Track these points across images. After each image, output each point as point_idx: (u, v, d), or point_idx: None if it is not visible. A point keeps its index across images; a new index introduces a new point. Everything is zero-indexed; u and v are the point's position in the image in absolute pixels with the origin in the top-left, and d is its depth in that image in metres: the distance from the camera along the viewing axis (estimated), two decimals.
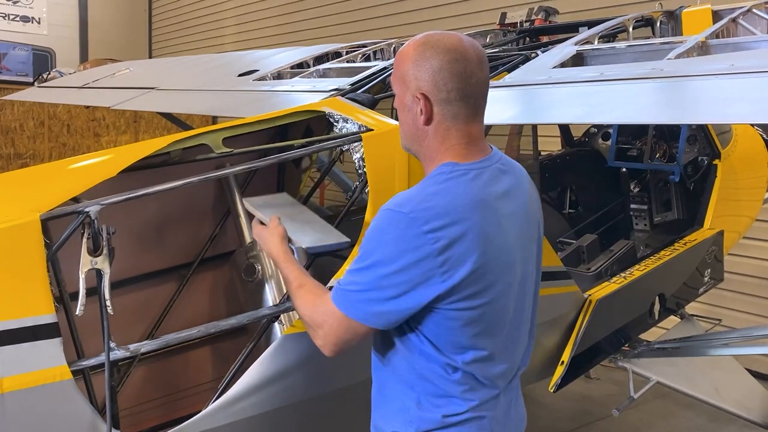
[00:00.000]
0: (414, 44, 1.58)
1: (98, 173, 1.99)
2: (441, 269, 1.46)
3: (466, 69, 1.53)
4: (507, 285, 1.57)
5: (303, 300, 1.69)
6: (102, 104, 4.84)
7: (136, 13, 14.42)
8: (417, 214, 1.47)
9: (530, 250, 1.68)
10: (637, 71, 2.11)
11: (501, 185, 1.58)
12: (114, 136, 11.07)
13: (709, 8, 3.13)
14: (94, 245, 1.86)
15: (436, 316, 1.51)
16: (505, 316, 1.59)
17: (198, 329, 2.05)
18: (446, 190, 1.52)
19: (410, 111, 1.60)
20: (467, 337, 1.53)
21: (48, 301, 1.79)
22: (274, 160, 2.14)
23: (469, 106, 1.56)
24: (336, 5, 9.39)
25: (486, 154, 1.61)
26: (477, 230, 1.48)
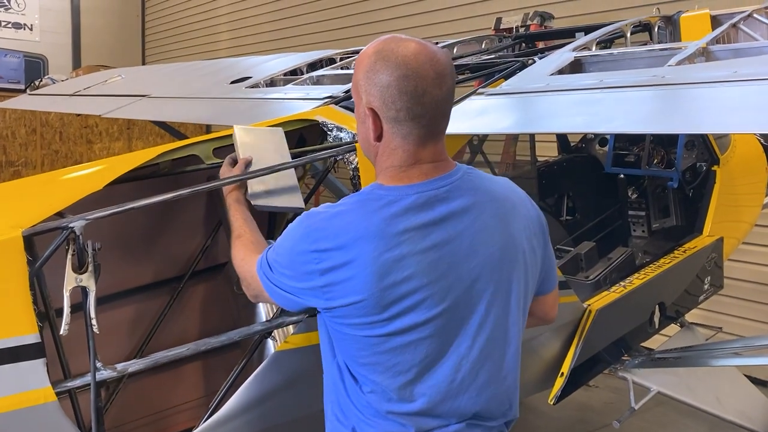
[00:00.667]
0: (369, 51, 1.47)
1: (84, 186, 1.93)
2: (323, 289, 1.44)
3: (417, 87, 1.40)
4: (426, 329, 1.43)
5: (236, 251, 1.78)
6: (93, 112, 4.78)
7: (129, 19, 14.34)
8: (311, 230, 1.45)
9: (470, 288, 1.46)
10: (637, 78, 2.06)
11: (432, 213, 1.43)
12: (107, 143, 11.00)
13: (708, 13, 3.08)
14: (79, 262, 1.79)
15: (334, 329, 1.50)
16: (438, 358, 1.45)
17: (188, 347, 1.98)
18: (347, 213, 1.45)
19: (363, 124, 1.51)
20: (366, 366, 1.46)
21: (31, 321, 1.72)
22: (267, 172, 2.07)
23: (422, 127, 1.44)
24: (330, 11, 9.35)
25: (429, 177, 1.46)
26: (364, 264, 1.38)
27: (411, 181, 1.46)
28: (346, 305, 1.42)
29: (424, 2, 7.89)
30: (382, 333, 1.42)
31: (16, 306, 1.70)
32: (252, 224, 1.87)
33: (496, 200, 1.51)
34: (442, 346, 1.45)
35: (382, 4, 8.44)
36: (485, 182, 1.53)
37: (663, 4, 5.73)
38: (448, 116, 1.48)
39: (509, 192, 1.57)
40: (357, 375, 1.50)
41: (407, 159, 1.46)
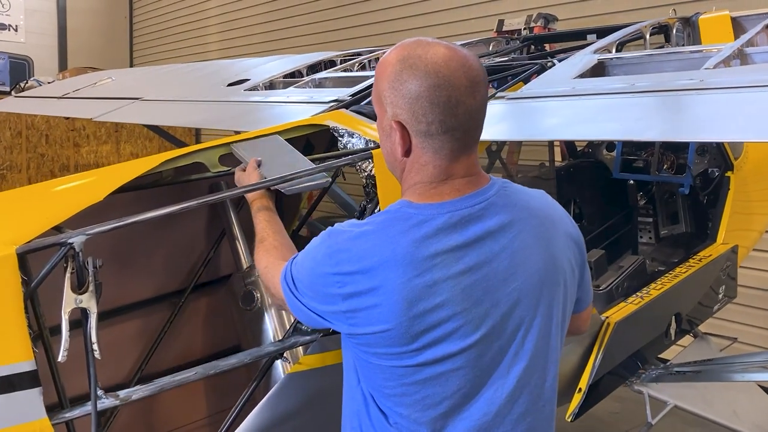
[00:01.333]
0: (393, 57, 1.32)
1: (83, 198, 1.78)
2: (346, 314, 1.32)
3: (451, 97, 1.26)
4: (459, 360, 1.31)
5: (259, 257, 1.70)
6: (83, 116, 4.60)
7: (117, 21, 14.12)
8: (333, 252, 1.33)
9: (509, 314, 1.33)
10: (673, 83, 1.93)
11: (465, 234, 1.29)
12: (94, 146, 10.79)
13: (728, 15, 2.98)
14: (79, 281, 1.64)
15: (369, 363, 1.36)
16: (472, 390, 1.33)
17: (195, 371, 1.84)
18: (373, 234, 1.31)
19: (388, 138, 1.37)
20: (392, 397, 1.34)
21: (26, 347, 1.57)
22: (278, 181, 1.93)
23: (455, 140, 1.30)
24: (323, 12, 9.21)
25: (463, 193, 1.33)
26: (391, 290, 1.26)
27: (442, 198, 1.33)
28: (370, 333, 1.30)
29: (422, 4, 7.77)
30: (410, 364, 1.30)
31: (10, 330, 1.55)
32: (275, 225, 1.78)
33: (535, 217, 1.38)
34: (477, 377, 1.33)
35: (379, 6, 8.31)
36: (523, 197, 1.40)
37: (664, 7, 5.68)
38: (482, 127, 1.35)
39: (548, 208, 1.43)
40: (382, 405, 1.38)
41: (438, 175, 1.33)
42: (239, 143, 2.13)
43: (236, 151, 2.10)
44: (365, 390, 1.40)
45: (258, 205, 1.85)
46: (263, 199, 1.88)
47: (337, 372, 2.06)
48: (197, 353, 2.72)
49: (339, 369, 2.07)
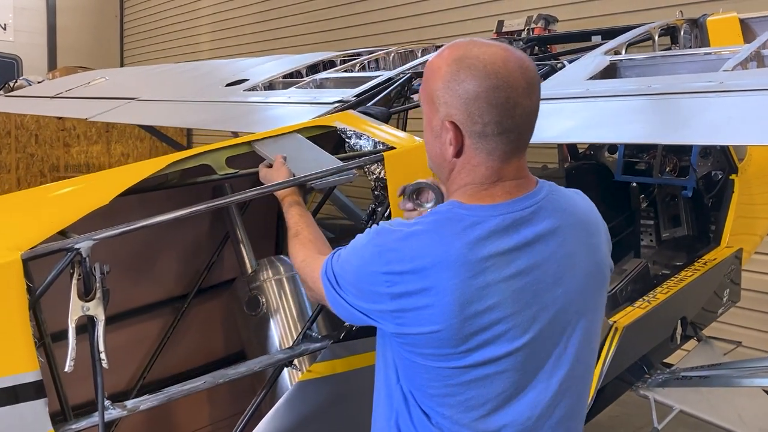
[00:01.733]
0: (446, 58, 1.30)
1: (88, 201, 1.72)
2: (394, 314, 1.30)
3: (509, 98, 1.25)
4: (507, 362, 1.30)
5: (295, 251, 1.68)
6: (78, 116, 4.53)
7: (107, 19, 13.98)
8: (383, 251, 1.31)
9: (556, 318, 1.33)
10: (692, 85, 1.90)
11: (516, 237, 1.29)
12: (85, 146, 10.68)
13: (736, 16, 2.95)
14: (86, 287, 1.58)
15: (401, 355, 1.35)
16: (515, 393, 1.32)
17: (204, 380, 1.78)
18: (425, 234, 1.29)
19: (438, 138, 1.34)
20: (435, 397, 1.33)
21: (31, 356, 1.51)
22: (288, 185, 1.88)
23: (509, 142, 1.29)
24: (316, 12, 9.15)
25: (513, 196, 1.32)
26: (443, 291, 1.25)
27: (494, 200, 1.31)
28: (419, 334, 1.28)
29: (419, 5, 7.72)
30: (457, 365, 1.29)
31: (15, 339, 1.49)
32: (308, 219, 1.78)
33: (581, 222, 1.38)
34: (521, 380, 1.32)
35: (374, 6, 8.26)
36: (570, 201, 1.39)
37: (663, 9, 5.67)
38: (534, 129, 1.34)
39: (591, 212, 1.42)
40: (424, 405, 1.36)
41: (490, 176, 1.31)
42: (259, 141, 2.11)
43: (258, 149, 2.07)
44: (405, 389, 1.39)
45: (290, 201, 1.86)
46: (294, 195, 1.88)
47: (347, 379, 2.02)
48: (199, 359, 2.66)
49: (349, 376, 2.04)
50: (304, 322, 2.43)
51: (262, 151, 2.07)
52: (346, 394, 2.00)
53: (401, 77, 3.10)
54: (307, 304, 2.49)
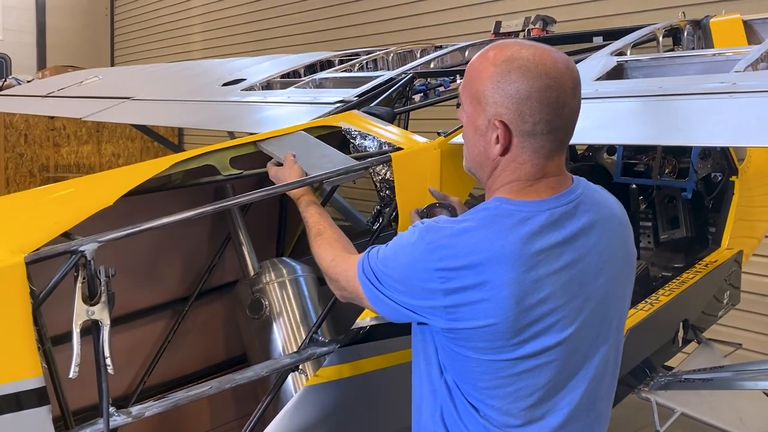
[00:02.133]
0: (495, 59, 1.33)
1: (92, 202, 1.67)
2: (447, 309, 1.33)
3: (559, 98, 1.30)
4: (554, 353, 1.34)
5: (321, 250, 1.67)
6: (71, 115, 4.46)
7: (97, 18, 13.85)
8: (435, 248, 1.33)
9: (597, 309, 1.38)
10: (705, 86, 1.88)
11: (563, 231, 1.34)
12: (75, 146, 10.56)
13: (740, 18, 2.94)
14: (90, 291, 1.54)
15: (450, 350, 1.37)
16: (561, 382, 1.37)
17: (210, 386, 1.74)
18: (478, 229, 1.32)
19: (483, 137, 1.38)
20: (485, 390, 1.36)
21: (34, 362, 1.47)
22: (297, 185, 1.84)
23: (556, 140, 1.34)
24: (310, 12, 9.10)
25: (557, 191, 1.36)
26: (499, 285, 1.28)
27: (539, 196, 1.35)
28: (473, 328, 1.31)
29: (414, 5, 7.69)
30: (509, 357, 1.33)
31: (18, 344, 1.45)
32: (328, 218, 1.78)
33: (615, 216, 1.45)
34: (566, 368, 1.37)
35: (369, 6, 8.22)
36: (601, 195, 1.45)
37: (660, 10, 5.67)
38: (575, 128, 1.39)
39: (619, 206, 1.48)
40: (472, 398, 1.39)
41: (535, 173, 1.35)
42: (265, 140, 2.08)
43: (265, 148, 2.05)
44: (451, 383, 1.41)
45: (306, 200, 1.85)
46: (310, 194, 1.88)
47: (355, 384, 1.99)
48: (199, 363, 2.62)
49: (357, 381, 2.00)
50: (307, 326, 2.39)
51: (270, 150, 2.03)
52: (354, 399, 1.97)
53: (403, 77, 3.07)
54: (311, 307, 2.45)
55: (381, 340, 1.99)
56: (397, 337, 1.99)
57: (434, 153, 2.14)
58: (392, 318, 1.46)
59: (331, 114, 2.66)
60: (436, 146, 2.15)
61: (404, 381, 2.06)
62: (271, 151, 2.03)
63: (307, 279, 2.47)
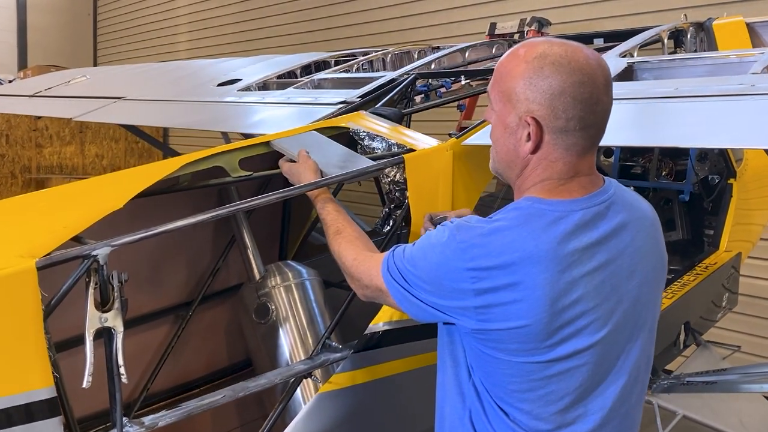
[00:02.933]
0: (527, 54, 1.31)
1: (102, 204, 1.61)
2: (478, 310, 1.30)
3: (592, 94, 1.28)
4: (586, 355, 1.31)
5: (342, 249, 1.63)
6: (61, 115, 4.38)
7: (80, 18, 13.65)
8: (466, 247, 1.30)
9: (630, 311, 1.36)
10: (723, 87, 1.86)
11: (596, 231, 1.31)
12: (58, 147, 10.39)
13: (743, 21, 2.95)
14: (103, 297, 1.48)
15: (479, 351, 1.34)
16: (592, 386, 1.34)
17: (223, 394, 1.69)
18: (510, 229, 1.30)
19: (513, 135, 1.36)
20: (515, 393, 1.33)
21: (45, 371, 1.41)
22: (310, 188, 1.80)
23: (588, 137, 1.32)
24: (298, 13, 9.03)
25: (589, 191, 1.34)
26: (533, 286, 1.26)
27: (571, 195, 1.33)
28: (505, 329, 1.28)
29: (402, 6, 7.66)
30: (541, 360, 1.30)
31: (30, 353, 1.39)
32: (346, 216, 1.75)
33: (646, 217, 1.43)
34: (598, 372, 1.34)
35: (358, 7, 8.18)
36: (633, 196, 1.44)
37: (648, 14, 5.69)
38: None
39: (650, 208, 1.47)
40: (501, 401, 1.36)
41: (567, 172, 1.33)
42: (278, 139, 2.06)
43: (278, 145, 2.02)
44: (480, 386, 1.38)
45: (324, 197, 1.83)
46: (327, 191, 1.85)
47: (369, 390, 1.95)
48: (202, 368, 2.56)
49: (371, 387, 1.96)
50: (314, 330, 2.35)
51: (283, 147, 1.99)
52: (368, 405, 1.93)
53: (405, 78, 3.03)
54: (317, 311, 2.41)
55: (395, 344, 1.95)
56: (411, 341, 1.95)
57: (447, 154, 2.11)
58: (418, 317, 1.44)
59: (335, 115, 2.62)
60: (448, 147, 2.12)
61: (420, 385, 2.03)
62: (285, 149, 1.98)
63: (313, 283, 2.42)
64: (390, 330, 1.92)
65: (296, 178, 1.88)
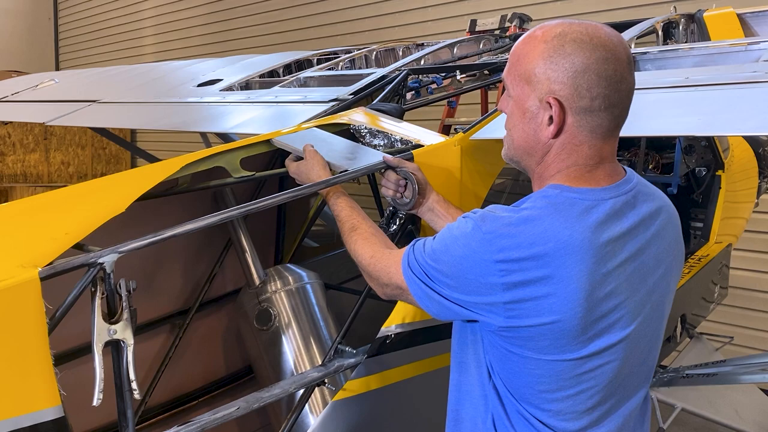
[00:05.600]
0: (545, 35, 1.25)
1: (103, 209, 1.51)
2: (507, 306, 1.22)
3: (616, 71, 1.21)
4: (616, 351, 1.26)
5: (358, 246, 1.55)
6: (31, 120, 4.23)
7: (40, 22, 13.27)
8: (493, 238, 1.22)
9: (663, 298, 1.34)
10: (736, 75, 1.83)
11: (626, 221, 1.26)
12: (21, 155, 10.09)
13: (733, 11, 2.95)
14: (110, 308, 1.38)
15: (505, 351, 1.27)
16: (619, 381, 1.29)
17: (237, 406, 1.60)
18: (540, 219, 1.22)
19: (533, 119, 1.28)
20: (544, 393, 1.27)
21: (52, 389, 1.30)
22: (318, 187, 1.72)
23: (613, 118, 1.25)
24: (270, 14, 8.90)
25: (614, 180, 1.29)
26: (568, 278, 1.19)
27: (599, 184, 1.27)
28: (536, 326, 1.21)
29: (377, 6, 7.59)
30: (573, 357, 1.23)
31: (35, 370, 1.28)
32: (360, 212, 1.67)
33: (667, 206, 1.38)
34: (626, 368, 1.29)
35: (331, 7, 8.08)
36: (652, 187, 1.39)
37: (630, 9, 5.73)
38: None
39: (667, 199, 1.41)
40: (525, 402, 1.28)
41: (592, 156, 1.26)
42: (281, 137, 1.99)
43: (281, 143, 1.95)
44: (501, 387, 1.32)
45: (336, 192, 1.74)
46: (338, 186, 1.77)
47: (383, 396, 1.87)
48: (200, 378, 2.46)
49: (385, 393, 1.88)
50: (318, 335, 2.27)
51: (287, 145, 1.90)
52: (382, 412, 1.85)
53: (397, 74, 2.96)
54: (319, 315, 2.32)
55: (409, 347, 1.88)
56: (426, 343, 1.89)
57: (454, 150, 2.05)
58: (440, 316, 1.36)
59: (330, 112, 2.54)
60: (455, 142, 2.06)
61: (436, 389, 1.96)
62: (288, 146, 1.90)
63: (315, 286, 2.34)
64: (403, 332, 1.85)
65: (305, 177, 1.80)
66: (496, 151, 2.35)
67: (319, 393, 2.14)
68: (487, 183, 2.18)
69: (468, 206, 2.11)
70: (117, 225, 1.57)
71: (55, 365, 1.36)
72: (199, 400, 2.41)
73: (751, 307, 4.80)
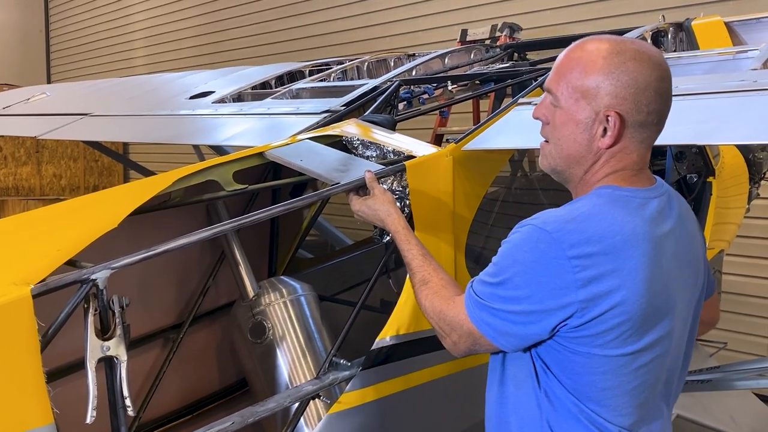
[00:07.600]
0: (600, 52, 1.30)
1: (95, 225, 1.51)
2: (582, 304, 1.23)
3: (668, 89, 1.32)
4: (663, 344, 1.31)
5: (428, 302, 1.48)
6: (23, 133, 4.22)
7: (32, 35, 13.25)
8: (562, 236, 1.24)
9: (690, 303, 1.41)
10: (724, 84, 1.85)
11: (669, 220, 1.34)
12: (13, 168, 10.05)
13: (721, 20, 2.98)
14: (103, 324, 1.38)
15: (568, 353, 1.28)
16: (662, 375, 1.34)
17: (232, 421, 1.59)
18: (603, 214, 1.28)
19: (587, 130, 1.32)
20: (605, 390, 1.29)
21: (45, 408, 1.30)
22: (313, 198, 1.72)
23: (658, 132, 1.35)
24: (260, 25, 8.92)
25: (653, 183, 1.38)
26: (635, 270, 1.24)
27: (643, 185, 1.35)
28: (608, 319, 1.24)
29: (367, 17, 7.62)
30: (633, 350, 1.27)
31: (28, 388, 1.27)
32: (432, 262, 1.57)
33: (690, 211, 1.48)
34: (668, 363, 1.35)
35: (321, 18, 8.11)
36: (675, 191, 1.48)
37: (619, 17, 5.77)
38: None
39: (684, 202, 1.48)
40: (587, 401, 1.29)
41: (638, 162, 1.34)
42: (275, 149, 1.96)
43: (273, 155, 1.93)
44: (560, 391, 1.32)
45: (407, 234, 1.64)
46: (406, 225, 1.67)
47: (380, 409, 1.87)
48: (192, 392, 2.44)
49: (380, 405, 1.88)
50: (313, 348, 2.26)
51: (279, 157, 1.89)
52: (379, 424, 1.85)
53: (389, 85, 2.97)
54: (314, 327, 2.32)
55: (404, 359, 1.88)
56: (421, 354, 1.89)
57: (446, 160, 2.06)
58: (520, 345, 1.33)
59: (322, 124, 2.55)
60: (448, 153, 2.07)
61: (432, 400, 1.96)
62: (281, 158, 1.90)
63: (309, 298, 2.34)
64: (398, 344, 1.85)
65: (378, 216, 1.70)
66: (488, 161, 2.37)
67: (314, 406, 2.13)
68: (479, 193, 2.18)
69: (461, 216, 2.12)
70: (110, 239, 1.56)
71: (48, 382, 1.35)
72: (193, 414, 2.40)
73: (744, 312, 4.81)
